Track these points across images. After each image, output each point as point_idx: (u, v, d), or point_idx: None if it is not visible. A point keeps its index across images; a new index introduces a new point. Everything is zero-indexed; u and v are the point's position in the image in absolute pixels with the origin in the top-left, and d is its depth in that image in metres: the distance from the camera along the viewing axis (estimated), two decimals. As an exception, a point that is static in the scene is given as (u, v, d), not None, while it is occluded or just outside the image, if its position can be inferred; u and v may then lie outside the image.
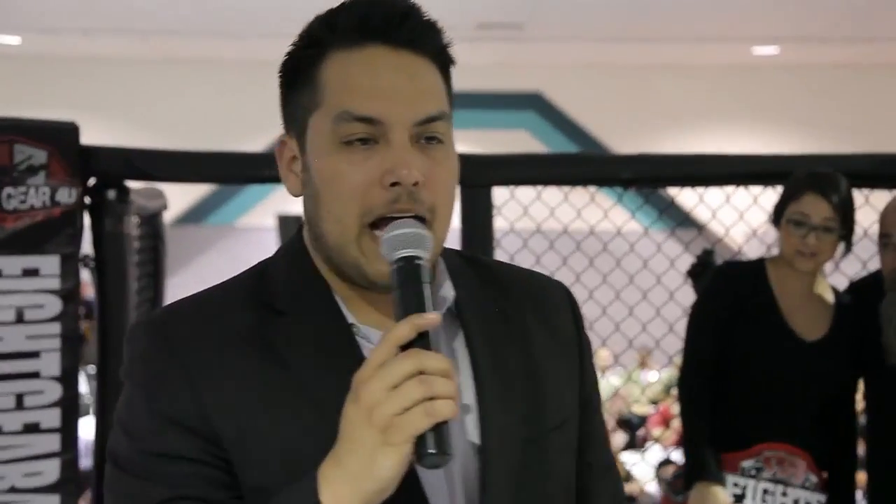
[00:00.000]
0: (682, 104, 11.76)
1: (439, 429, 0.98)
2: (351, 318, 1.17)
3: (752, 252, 3.40)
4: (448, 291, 1.21)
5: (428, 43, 1.16)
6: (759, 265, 2.83)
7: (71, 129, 2.77)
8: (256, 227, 12.07)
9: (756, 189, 3.17)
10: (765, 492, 2.66)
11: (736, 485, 2.66)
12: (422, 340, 1.01)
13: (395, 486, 1.00)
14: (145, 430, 1.11)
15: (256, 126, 11.47)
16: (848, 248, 2.74)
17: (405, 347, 1.00)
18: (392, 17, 1.13)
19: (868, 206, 3.00)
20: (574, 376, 1.29)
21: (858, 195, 2.89)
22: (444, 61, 1.19)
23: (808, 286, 2.76)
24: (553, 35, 10.29)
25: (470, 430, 1.17)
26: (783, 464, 2.68)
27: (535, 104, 12.20)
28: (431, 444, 0.98)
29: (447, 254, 1.26)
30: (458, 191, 1.23)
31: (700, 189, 3.20)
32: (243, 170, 3.03)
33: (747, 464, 2.68)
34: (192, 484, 1.08)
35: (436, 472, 1.10)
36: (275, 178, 2.97)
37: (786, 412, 2.70)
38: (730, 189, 3.17)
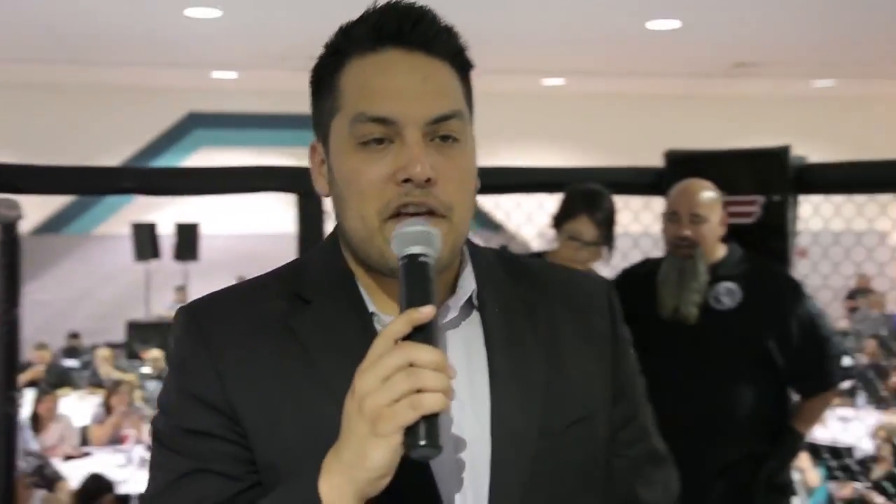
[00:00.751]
0: (486, 126, 12.03)
1: (429, 421, 0.89)
2: (372, 307, 1.08)
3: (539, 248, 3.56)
4: (469, 284, 1.11)
5: (442, 45, 1.06)
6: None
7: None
8: (113, 236, 11.63)
9: (542, 196, 3.30)
10: None
11: None
12: (420, 334, 0.92)
13: (388, 477, 0.92)
14: (176, 406, 1.07)
15: (104, 147, 11.10)
16: (611, 250, 2.89)
17: (406, 341, 0.92)
18: (405, 22, 1.04)
19: (627, 209, 3.21)
20: (605, 371, 1.15)
21: (620, 200, 3.09)
22: (460, 63, 1.09)
23: None
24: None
25: (482, 420, 1.06)
26: None
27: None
28: (421, 436, 0.89)
29: (480, 250, 1.17)
30: (474, 189, 1.09)
31: (499, 196, 3.33)
32: (99, 181, 2.96)
33: None
34: (214, 458, 1.04)
35: (447, 462, 1.01)
36: (124, 190, 2.95)
37: None
38: (520, 196, 3.30)
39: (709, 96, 12.39)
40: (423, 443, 0.89)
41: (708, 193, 2.75)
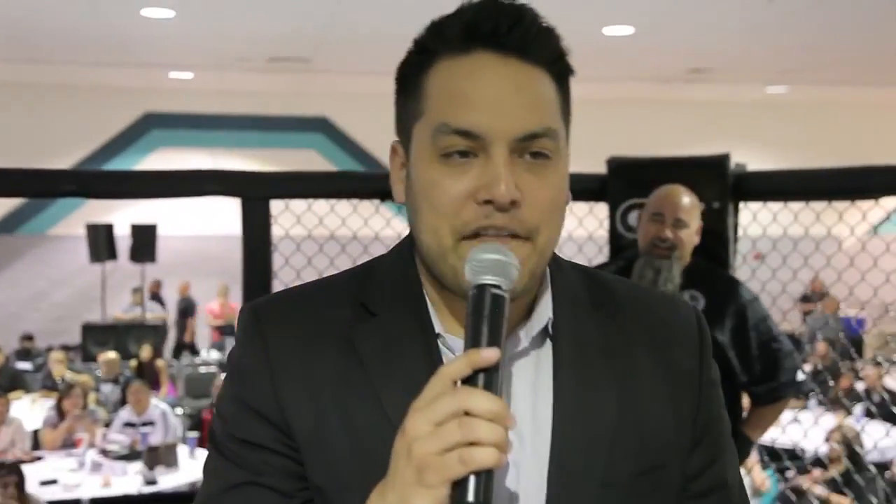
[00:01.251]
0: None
1: (480, 476, 0.81)
2: (439, 328, 0.99)
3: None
4: (545, 311, 1.01)
5: (541, 50, 0.95)
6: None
7: None
8: (68, 236, 11.51)
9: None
10: None
11: None
12: (481, 377, 0.84)
13: None
14: (231, 414, 1.01)
15: (60, 146, 10.99)
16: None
17: (466, 382, 0.84)
18: (501, 22, 0.93)
19: (571, 214, 3.25)
20: (686, 416, 1.03)
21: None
22: (560, 70, 0.98)
23: None
24: (337, 68, 10.37)
25: (540, 461, 0.97)
26: None
27: (322, 128, 12.24)
28: (469, 493, 0.81)
29: (565, 270, 1.06)
30: (566, 208, 0.99)
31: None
32: (38, 184, 2.93)
33: None
34: (267, 472, 0.98)
35: (502, 500, 0.94)
36: (66, 193, 2.93)
37: None
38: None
39: (664, 101, 12.54)
40: (471, 500, 0.81)
41: (692, 200, 2.81)
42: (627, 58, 9.90)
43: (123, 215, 11.04)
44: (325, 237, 3.18)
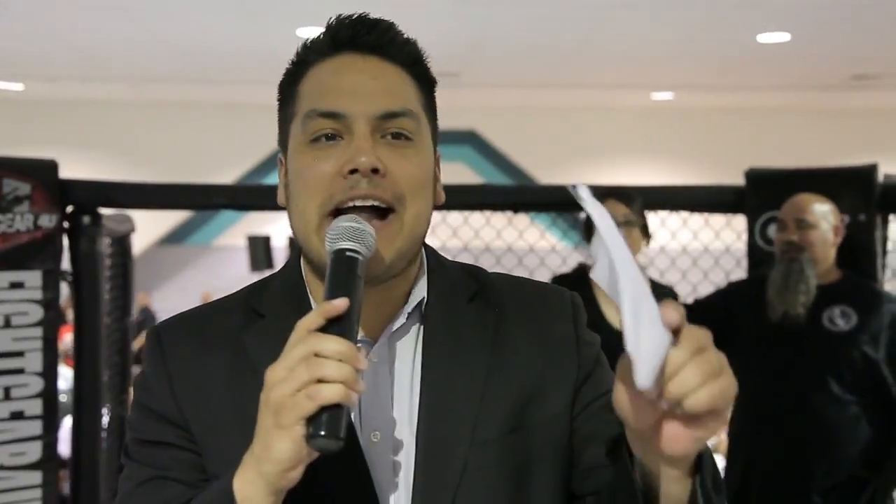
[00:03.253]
0: (595, 140, 12.01)
1: (331, 412, 0.87)
2: None
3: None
4: (420, 292, 1.10)
5: (397, 51, 1.08)
6: (582, 273, 2.93)
7: (51, 166, 2.86)
8: (230, 247, 12.09)
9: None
10: None
11: None
12: (335, 326, 0.90)
13: (297, 469, 0.90)
14: (137, 420, 1.11)
15: (227, 160, 11.57)
16: (648, 238, 2.87)
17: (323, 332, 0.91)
18: (359, 29, 1.07)
19: (708, 227, 3.21)
20: (567, 379, 1.11)
21: (700, 218, 3.10)
22: (418, 73, 1.10)
23: None
24: (485, 82, 10.48)
25: (413, 426, 1.05)
26: None
27: (471, 141, 12.38)
28: (321, 427, 0.86)
29: (446, 265, 1.16)
30: (431, 196, 1.09)
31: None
32: (192, 197, 3.12)
33: None
34: (171, 466, 1.07)
35: (383, 463, 1.03)
36: (217, 205, 3.11)
37: None
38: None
39: (825, 110, 11.98)
40: (322, 433, 0.86)
41: (816, 202, 2.76)
42: (783, 65, 9.55)
43: (280, 227, 11.53)
44: (481, 249, 3.27)
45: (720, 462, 6.09)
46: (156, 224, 11.08)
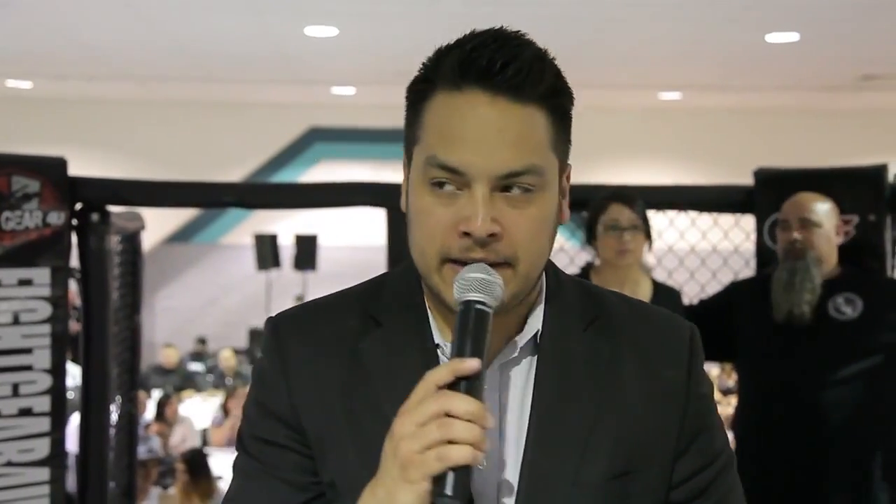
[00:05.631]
0: (601, 140, 12.00)
1: (458, 472, 0.89)
2: (439, 338, 1.08)
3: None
4: (536, 323, 1.09)
5: (533, 87, 0.99)
6: (585, 275, 2.88)
7: (60, 163, 2.86)
8: (237, 245, 12.10)
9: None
10: None
11: None
12: (463, 383, 0.92)
13: None
14: (252, 415, 1.12)
15: (233, 159, 11.59)
16: (650, 241, 2.86)
17: (451, 388, 0.92)
18: (494, 61, 0.97)
19: (717, 227, 3.20)
20: (671, 425, 1.08)
21: (709, 217, 3.09)
22: (554, 105, 1.03)
23: (628, 285, 2.81)
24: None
25: (520, 456, 1.05)
26: None
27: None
28: (448, 487, 0.89)
29: (565, 286, 1.14)
30: (553, 232, 1.06)
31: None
32: (201, 195, 3.12)
33: None
34: (281, 467, 1.08)
35: (489, 492, 1.03)
36: (225, 203, 3.12)
37: None
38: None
39: (834, 110, 11.95)
40: (448, 493, 0.89)
41: (818, 201, 2.75)
42: (791, 65, 9.53)
43: (287, 226, 11.54)
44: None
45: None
46: (163, 222, 11.09)
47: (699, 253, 3.19)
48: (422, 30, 8.21)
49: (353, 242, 12.10)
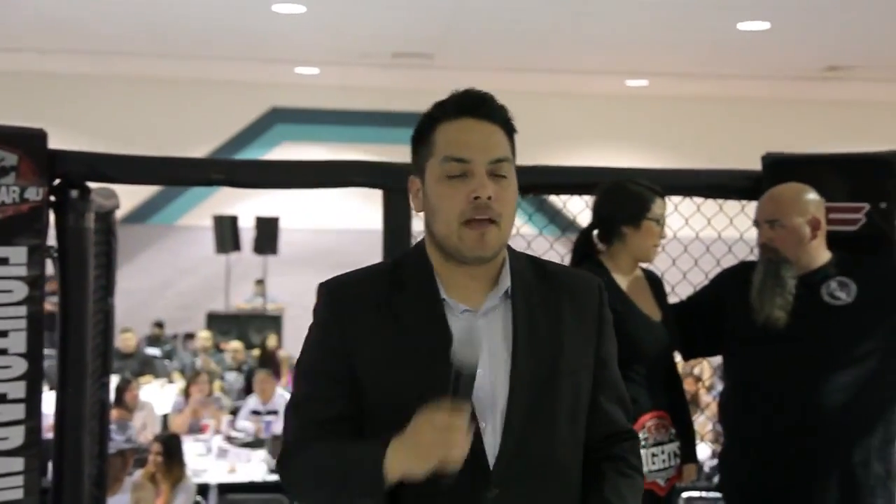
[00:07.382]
0: (569, 126, 11.98)
1: (452, 465, 1.45)
2: (443, 294, 1.61)
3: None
4: (506, 281, 1.64)
5: (497, 117, 1.62)
6: (600, 266, 2.80)
7: (39, 135, 2.70)
8: (195, 227, 11.89)
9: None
10: (652, 455, 2.70)
11: None
12: (457, 385, 1.45)
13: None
14: (312, 352, 1.66)
15: (192, 138, 11.34)
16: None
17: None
18: (477, 103, 1.61)
19: (722, 213, 3.15)
20: (591, 341, 1.68)
21: (714, 203, 3.03)
22: (509, 129, 1.64)
23: (638, 276, 2.82)
24: (459, 65, 10.38)
25: (508, 372, 1.58)
26: (658, 427, 2.72)
27: (442, 124, 12.29)
28: (447, 470, 1.45)
29: (517, 255, 1.69)
30: (515, 209, 1.62)
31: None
32: (188, 173, 2.98)
33: (640, 436, 2.64)
34: (335, 397, 1.60)
35: (485, 398, 1.56)
36: (213, 181, 2.98)
37: (653, 384, 2.75)
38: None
39: (800, 100, 12.07)
40: (447, 480, 1.47)
41: (788, 197, 2.68)
42: (761, 54, 9.58)
43: (248, 207, 11.34)
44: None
45: (706, 450, 6.09)
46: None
47: (703, 240, 3.12)
48: (389, 12, 8.08)
49: (316, 225, 11.94)
